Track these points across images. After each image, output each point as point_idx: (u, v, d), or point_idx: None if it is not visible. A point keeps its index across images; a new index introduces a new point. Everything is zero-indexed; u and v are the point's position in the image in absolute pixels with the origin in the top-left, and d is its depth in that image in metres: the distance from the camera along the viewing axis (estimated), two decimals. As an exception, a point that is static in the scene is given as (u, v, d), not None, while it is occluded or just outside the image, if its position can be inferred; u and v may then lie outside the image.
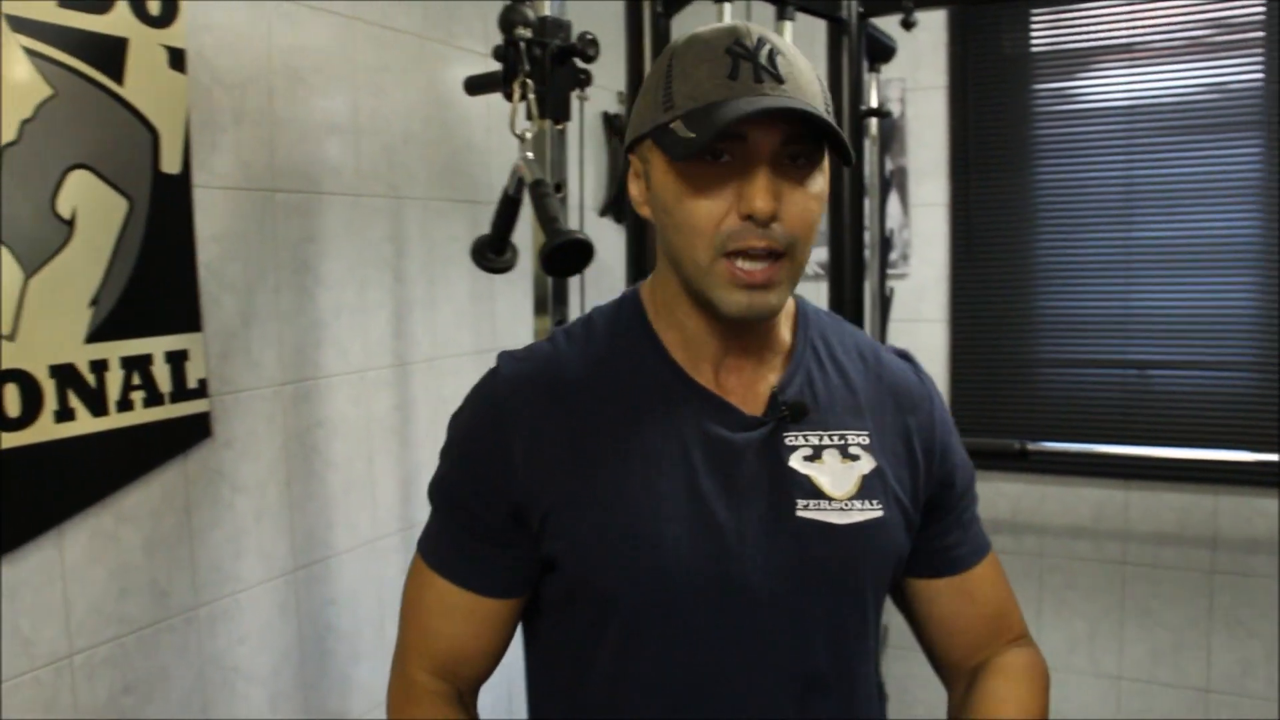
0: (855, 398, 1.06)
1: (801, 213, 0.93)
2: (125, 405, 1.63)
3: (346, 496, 2.11)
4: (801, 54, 0.97)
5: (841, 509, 1.00)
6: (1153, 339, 2.82)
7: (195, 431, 1.77)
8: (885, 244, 2.44)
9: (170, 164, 1.70)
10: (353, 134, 2.10)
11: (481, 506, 1.01)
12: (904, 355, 1.15)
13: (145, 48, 1.64)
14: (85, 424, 1.57)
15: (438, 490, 1.07)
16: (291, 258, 1.96)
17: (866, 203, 2.28)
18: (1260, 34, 2.68)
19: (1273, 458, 2.46)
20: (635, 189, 1.02)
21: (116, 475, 1.64)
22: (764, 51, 0.92)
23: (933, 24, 2.93)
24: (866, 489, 1.02)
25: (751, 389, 1.03)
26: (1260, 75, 2.68)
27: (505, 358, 1.06)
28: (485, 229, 1.63)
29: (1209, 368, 2.77)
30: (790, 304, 1.08)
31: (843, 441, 1.03)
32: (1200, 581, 2.81)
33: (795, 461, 1.00)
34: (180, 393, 1.73)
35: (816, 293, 2.73)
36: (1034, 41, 2.90)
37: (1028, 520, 3.00)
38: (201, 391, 1.77)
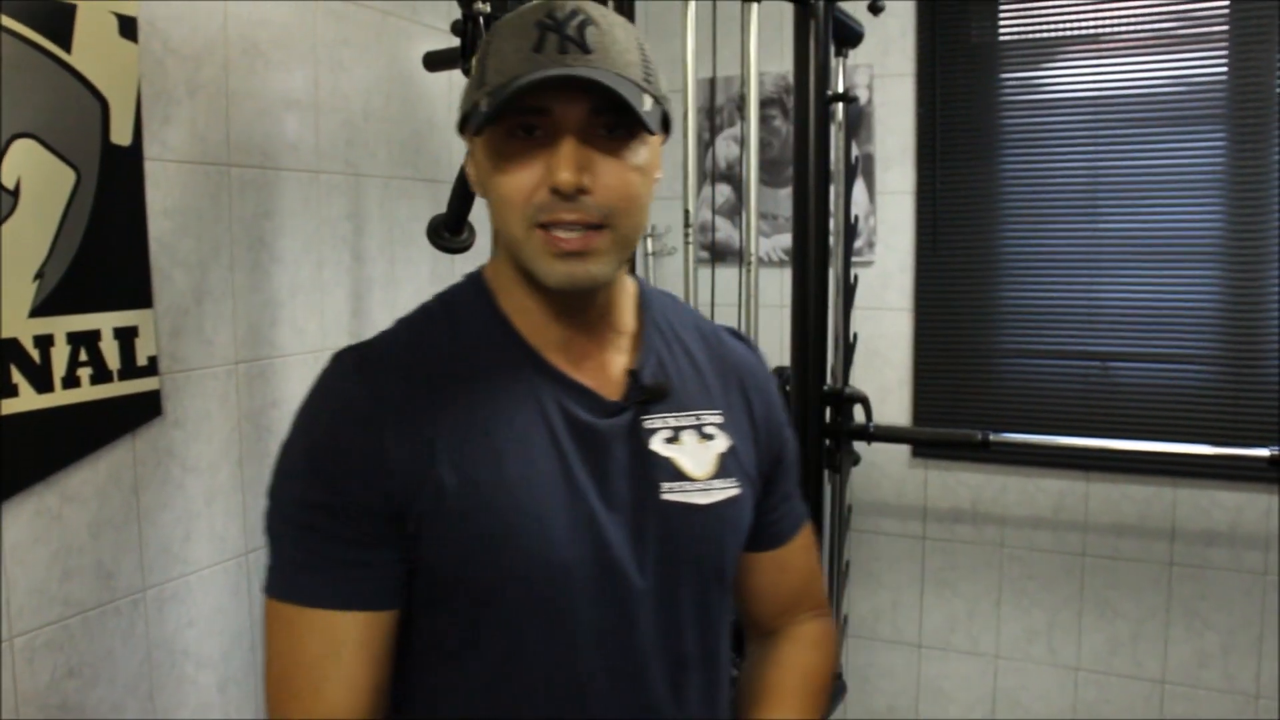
0: (703, 377, 1.07)
1: (617, 184, 0.92)
2: (71, 382, 1.60)
3: (301, 478, 2.07)
4: (627, 25, 0.96)
5: (703, 489, 1.01)
6: (1116, 332, 2.82)
7: (145, 410, 1.73)
8: (850, 231, 2.42)
9: (120, 135, 1.66)
10: (312, 109, 2.06)
11: (357, 511, 0.91)
12: (738, 334, 1.17)
13: (94, 14, 1.60)
14: (29, 400, 1.53)
15: (294, 513, 0.94)
16: (246, 234, 1.92)
17: (831, 189, 2.26)
18: (1224, 28, 2.68)
19: (1231, 451, 2.47)
20: (470, 169, 1.01)
21: (61, 454, 1.60)
22: (573, 23, 0.90)
23: (901, 10, 2.91)
24: (724, 468, 1.03)
25: (604, 372, 1.01)
26: (1224, 69, 2.69)
27: (348, 352, 0.99)
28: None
29: (1171, 360, 2.78)
30: (631, 286, 1.08)
31: (698, 421, 1.03)
32: (1158, 573, 2.83)
33: (656, 444, 1.00)
34: (129, 370, 1.69)
35: (780, 279, 2.73)
36: (1002, 30, 2.90)
37: (988, 510, 3.00)
38: (152, 369, 1.73)
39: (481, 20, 1.47)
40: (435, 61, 1.69)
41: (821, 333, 2.20)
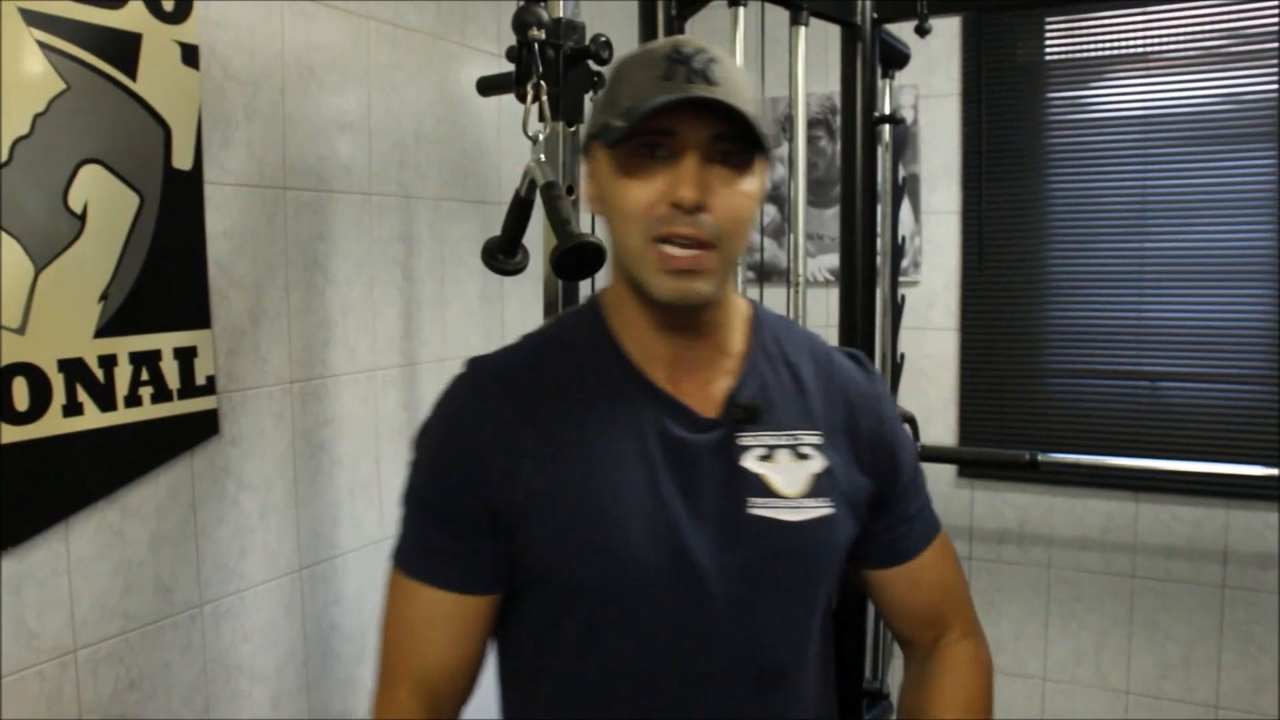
0: (807, 400, 1.11)
1: (730, 207, 0.98)
2: (133, 401, 1.63)
3: (353, 496, 2.10)
4: (743, 70, 1.05)
5: (794, 507, 1.05)
6: (1165, 351, 2.80)
7: (202, 428, 1.76)
8: (897, 251, 2.42)
9: (182, 160, 1.70)
10: (364, 132, 2.10)
11: (459, 507, 1.03)
12: (854, 356, 1.21)
13: (158, 43, 1.64)
14: (93, 419, 1.57)
15: (413, 498, 1.08)
16: (301, 255, 1.96)
17: (878, 209, 2.26)
18: (1275, 45, 2.66)
19: (1244, 470, 2.43)
20: (589, 189, 1.09)
21: (123, 471, 1.64)
22: (699, 58, 0.98)
23: (946, 31, 2.92)
24: (818, 487, 1.07)
25: (705, 390, 1.07)
26: (1275, 86, 2.66)
27: (472, 363, 1.10)
28: (496, 230, 1.62)
29: (1221, 380, 2.75)
30: (744, 308, 1.15)
31: (794, 441, 1.07)
32: (1211, 596, 2.79)
33: (748, 461, 1.05)
34: (188, 389, 1.72)
35: (827, 299, 2.73)
36: (1048, 49, 2.89)
37: (1035, 531, 2.98)
38: (209, 388, 1.77)
39: (536, 46, 1.49)
40: (489, 86, 1.71)
41: (869, 352, 2.20)
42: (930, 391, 3.06)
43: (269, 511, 1.91)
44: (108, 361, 1.59)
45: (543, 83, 1.49)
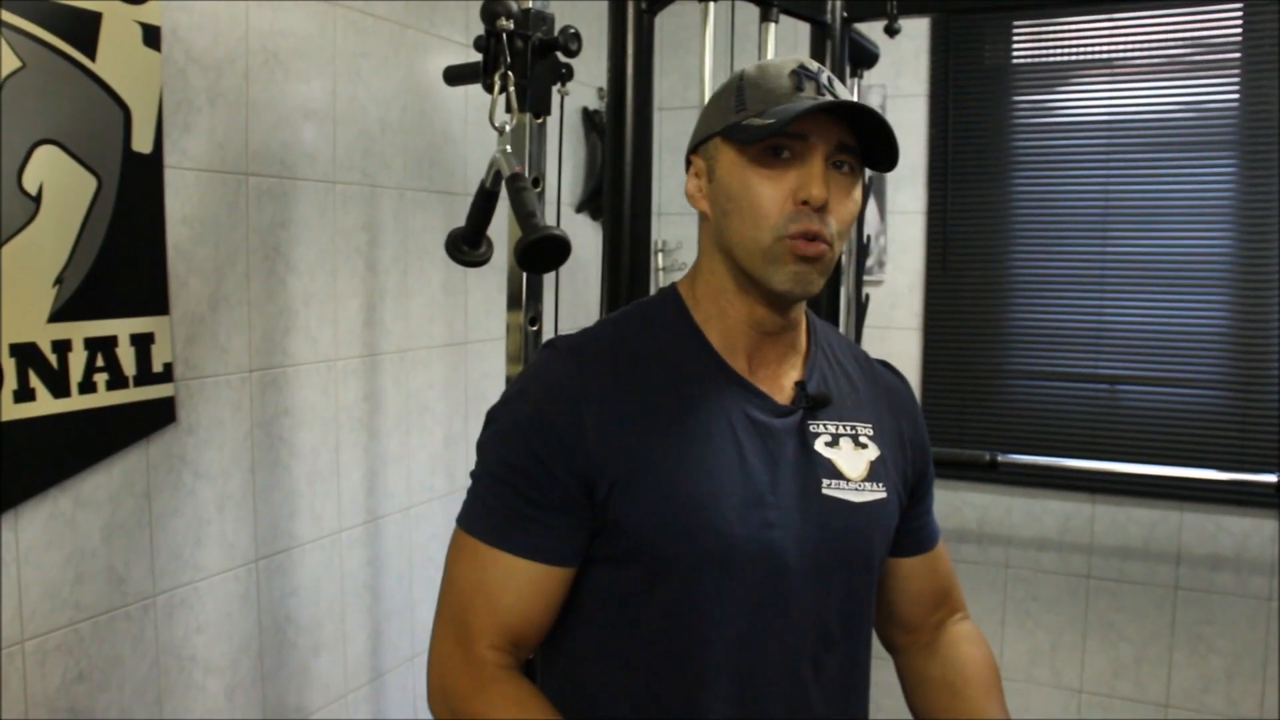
0: (859, 395, 1.21)
1: (845, 211, 1.08)
2: (88, 387, 1.60)
3: (311, 487, 2.08)
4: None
5: (857, 489, 1.14)
6: (1123, 355, 2.83)
7: (159, 416, 1.74)
8: (862, 250, 2.43)
9: (141, 143, 1.67)
10: (329, 120, 2.08)
11: (552, 479, 1.06)
12: (888, 365, 1.32)
13: (119, 23, 1.61)
14: (46, 405, 1.54)
15: (499, 468, 1.10)
16: (263, 243, 1.93)
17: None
18: (1236, 55, 2.70)
19: (1239, 476, 2.47)
20: (693, 186, 1.15)
21: (76, 458, 1.61)
22: (824, 76, 1.08)
23: (915, 32, 2.93)
24: (874, 473, 1.16)
25: (777, 382, 1.16)
26: (1236, 95, 2.70)
27: (562, 340, 1.15)
28: (461, 221, 1.61)
29: (1178, 385, 2.78)
30: (803, 312, 1.23)
31: (854, 431, 1.17)
32: (1163, 596, 2.83)
33: (819, 446, 1.14)
34: (145, 376, 1.70)
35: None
36: (1015, 53, 2.91)
37: (994, 531, 3.01)
38: (167, 376, 1.74)
39: (505, 37, 1.48)
40: (455, 76, 1.69)
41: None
42: (892, 391, 3.07)
43: (226, 501, 1.88)
44: (62, 347, 1.56)
45: (510, 73, 1.48)
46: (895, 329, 3.07)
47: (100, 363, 1.62)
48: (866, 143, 1.08)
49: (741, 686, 1.09)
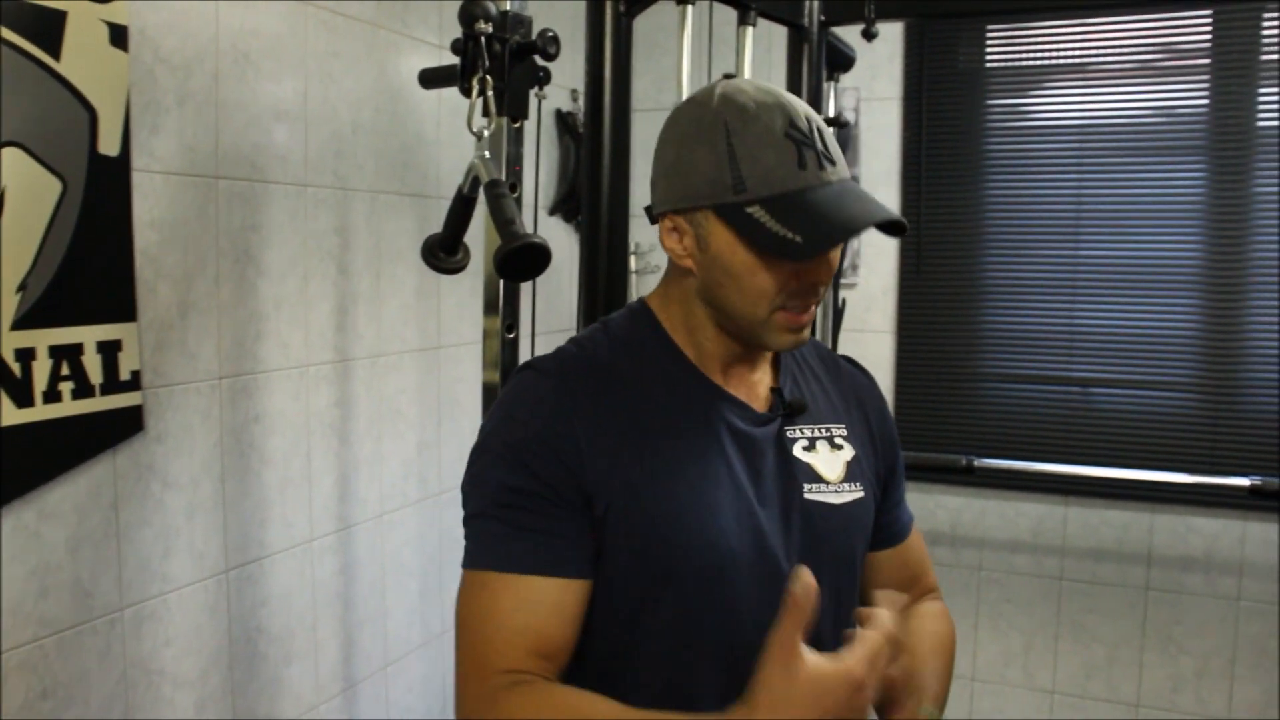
0: (829, 396, 1.22)
1: (833, 269, 1.08)
2: (53, 396, 1.56)
3: (282, 495, 2.05)
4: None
5: (836, 491, 1.16)
6: (1096, 357, 2.84)
7: (126, 425, 1.70)
8: (840, 255, 2.42)
9: (108, 145, 1.63)
10: (301, 121, 2.04)
11: (556, 495, 1.05)
12: (851, 361, 1.33)
13: (85, 22, 1.57)
14: (9, 415, 1.50)
15: (498, 494, 1.06)
16: (233, 247, 1.90)
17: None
18: (1206, 60, 2.72)
19: (1214, 480, 2.49)
20: (674, 243, 1.10)
21: (41, 470, 1.57)
22: (817, 135, 1.03)
23: (889, 35, 2.93)
24: (851, 473, 1.18)
25: (753, 390, 1.16)
26: (1205, 101, 2.72)
27: (541, 361, 1.13)
28: (434, 224, 1.59)
29: (1148, 387, 2.80)
30: None
31: (829, 433, 1.18)
32: (1135, 598, 2.85)
33: (797, 451, 1.15)
34: (112, 384, 1.66)
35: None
36: (989, 57, 2.92)
37: (967, 533, 3.01)
38: (134, 384, 1.70)
39: (483, 40, 1.45)
40: (431, 79, 1.66)
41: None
42: (866, 393, 3.07)
43: (195, 511, 1.84)
44: (25, 355, 1.52)
45: (489, 77, 1.45)
46: (869, 332, 3.07)
47: (65, 371, 1.58)
48: None
49: (738, 691, 1.07)
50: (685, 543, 1.06)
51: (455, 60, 1.56)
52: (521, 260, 1.32)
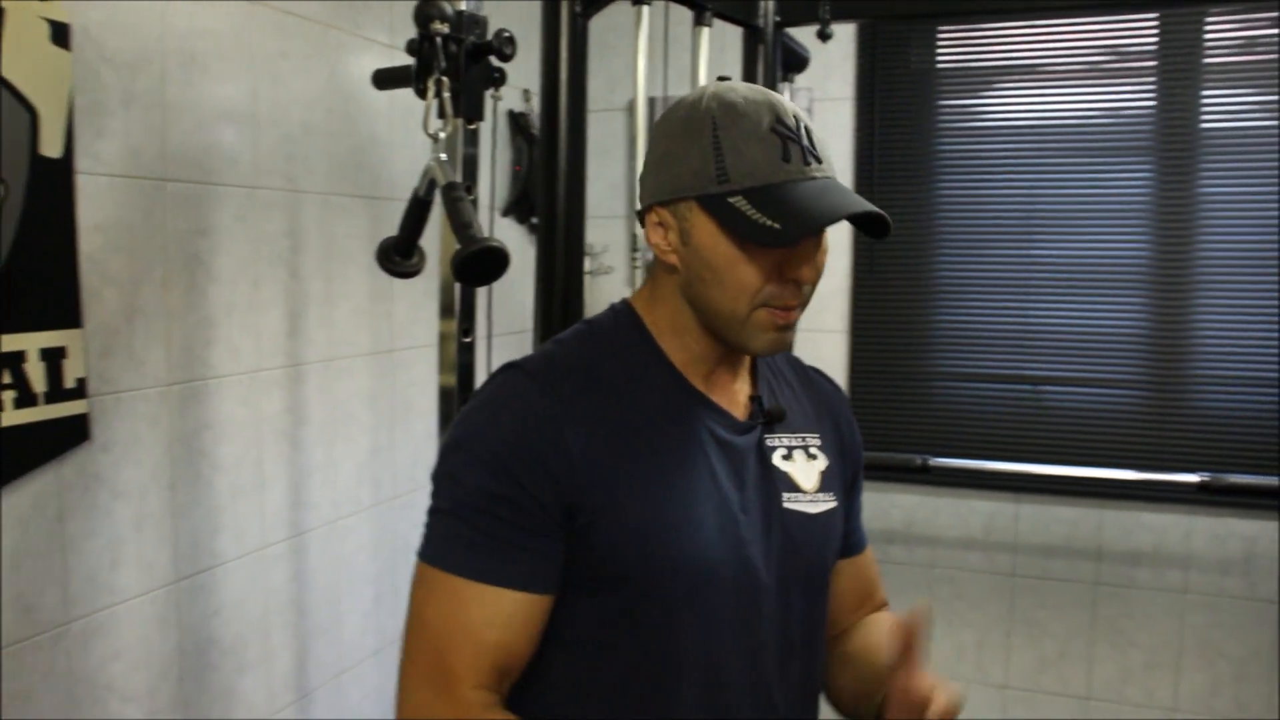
0: (803, 405, 1.22)
1: (820, 270, 1.07)
2: (-6, 406, 1.52)
3: (234, 503, 2.01)
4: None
5: (812, 501, 1.16)
6: (1047, 356, 2.88)
7: (72, 434, 1.65)
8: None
9: (50, 147, 1.59)
10: (250, 123, 2.00)
11: (538, 505, 1.02)
12: (820, 372, 1.33)
13: (24, 19, 1.53)
14: (-52, 426, 1.45)
15: (478, 499, 1.03)
16: (181, 251, 1.86)
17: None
18: (1152, 63, 2.76)
19: (1165, 477, 2.53)
20: (659, 237, 1.09)
21: (-18, 481, 1.52)
22: (804, 132, 1.03)
23: (842, 36, 2.94)
24: (825, 483, 1.18)
25: (734, 398, 1.15)
26: (1153, 102, 2.76)
27: (526, 363, 1.10)
28: (387, 227, 1.57)
29: (1098, 385, 2.84)
30: None
31: (805, 443, 1.19)
32: (1085, 593, 2.89)
33: (776, 460, 1.15)
34: (56, 393, 1.61)
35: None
36: (940, 58, 2.95)
37: (921, 532, 3.04)
38: (80, 392, 1.66)
39: (439, 41, 1.43)
40: (385, 79, 1.64)
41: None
42: (821, 393, 3.09)
43: (144, 521, 1.80)
44: (-34, 364, 1.47)
45: (445, 78, 1.44)
46: (822, 332, 3.08)
47: (7, 380, 1.53)
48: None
49: (714, 700, 1.09)
50: (670, 558, 1.05)
51: (409, 61, 1.54)
52: (480, 264, 1.30)
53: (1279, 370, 2.67)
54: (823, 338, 3.08)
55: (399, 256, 1.52)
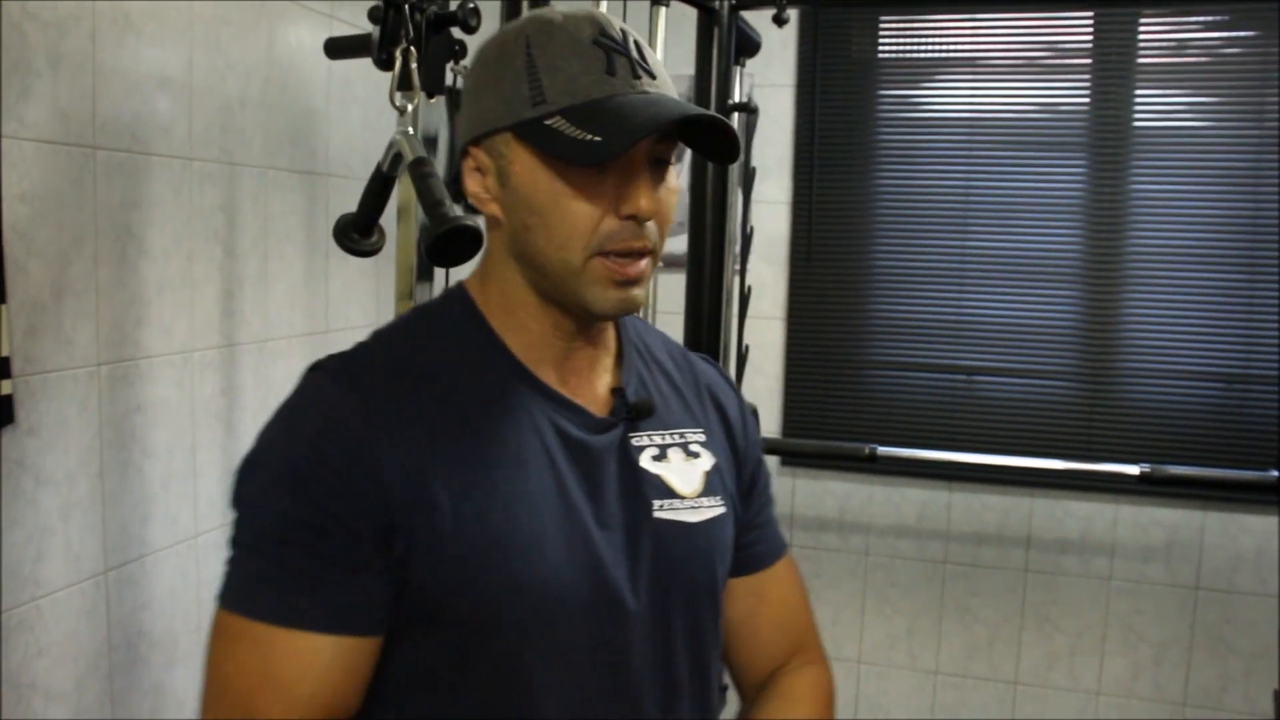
0: (683, 397, 1.07)
1: (665, 210, 0.93)
2: (-88, 386, 1.42)
3: (166, 489, 1.92)
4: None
5: (693, 507, 1.00)
6: (980, 346, 2.92)
7: (-5, 417, 1.56)
8: (747, 241, 2.41)
9: (-25, 109, 1.48)
10: (186, 91, 1.90)
11: (345, 531, 0.86)
12: (704, 357, 1.17)
13: (-50, -28, 1.42)
14: None
15: (277, 526, 0.87)
16: (112, 224, 1.76)
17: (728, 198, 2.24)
18: (1087, 60, 2.81)
19: (1104, 467, 2.58)
20: (476, 184, 0.95)
21: (-101, 466, 1.42)
22: (632, 45, 0.91)
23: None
24: (709, 486, 1.03)
25: (592, 390, 1.00)
26: (1086, 98, 2.81)
27: (333, 362, 0.95)
28: (323, 203, 1.50)
29: (1030, 376, 2.89)
30: None
31: (683, 440, 1.03)
32: (1014, 580, 2.94)
33: (645, 461, 0.99)
34: (-21, 372, 1.51)
35: (676, 283, 2.69)
36: (881, 47, 2.95)
37: (855, 519, 3.06)
38: (4, 371, 1.56)
39: (407, 9, 1.37)
40: (340, 49, 1.56)
41: (715, 341, 2.18)
42: (755, 380, 3.07)
43: (71, 509, 1.71)
44: (-118, 340, 1.37)
45: (413, 49, 1.37)
46: (760, 319, 3.07)
47: (-73, 358, 1.43)
48: (692, 127, 0.92)
49: None
50: (503, 581, 0.89)
51: (350, 31, 1.48)
52: (452, 244, 1.24)
53: (1206, 363, 2.75)
54: (760, 324, 3.06)
55: (358, 234, 1.45)
